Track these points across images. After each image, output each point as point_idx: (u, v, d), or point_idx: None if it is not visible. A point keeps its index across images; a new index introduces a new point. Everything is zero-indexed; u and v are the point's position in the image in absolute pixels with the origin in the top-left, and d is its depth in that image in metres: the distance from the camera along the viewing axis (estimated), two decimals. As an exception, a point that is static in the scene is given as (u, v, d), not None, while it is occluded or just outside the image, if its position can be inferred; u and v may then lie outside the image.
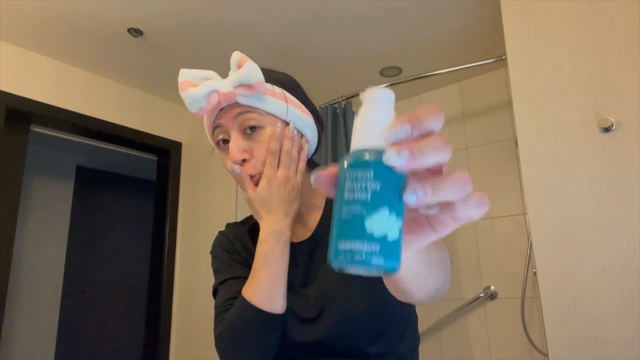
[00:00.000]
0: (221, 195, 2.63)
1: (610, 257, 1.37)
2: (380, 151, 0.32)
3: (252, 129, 0.78)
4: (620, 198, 1.38)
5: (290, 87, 0.84)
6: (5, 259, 2.15)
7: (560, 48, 1.56)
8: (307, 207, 0.85)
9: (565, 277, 1.43)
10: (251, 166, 0.78)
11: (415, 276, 0.45)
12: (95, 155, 3.60)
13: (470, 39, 2.26)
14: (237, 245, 0.88)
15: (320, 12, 2.03)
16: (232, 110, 0.78)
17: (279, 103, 0.80)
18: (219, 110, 0.80)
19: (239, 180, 0.79)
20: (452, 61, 2.40)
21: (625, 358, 1.29)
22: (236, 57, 0.79)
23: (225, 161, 0.80)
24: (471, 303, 2.35)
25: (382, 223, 0.31)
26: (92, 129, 2.51)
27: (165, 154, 2.88)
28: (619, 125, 1.41)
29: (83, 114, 2.46)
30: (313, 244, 0.83)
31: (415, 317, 0.84)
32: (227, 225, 0.96)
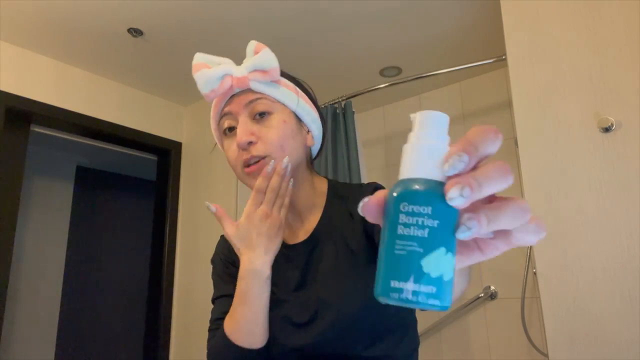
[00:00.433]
0: (221, 195, 2.63)
1: (610, 257, 1.37)
2: (437, 184, 0.30)
3: (261, 114, 0.78)
4: (620, 198, 1.38)
5: (300, 84, 0.85)
6: (5, 259, 2.15)
7: (560, 48, 1.56)
8: (307, 208, 0.84)
9: (565, 277, 1.43)
10: (256, 149, 0.76)
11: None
12: (95, 155, 3.60)
13: (470, 39, 2.26)
14: (234, 257, 0.87)
15: (320, 11, 2.03)
16: (243, 97, 0.78)
17: (291, 94, 0.81)
18: (229, 98, 0.79)
19: (218, 217, 0.77)
20: (452, 61, 2.40)
21: (625, 358, 1.29)
22: (253, 44, 0.80)
23: (230, 149, 0.79)
24: (471, 303, 2.35)
25: (439, 263, 0.30)
26: (92, 129, 2.51)
27: (165, 154, 2.88)
28: (619, 125, 1.41)
29: (83, 114, 2.46)
30: (311, 245, 0.82)
31: (414, 320, 0.83)
32: (222, 237, 0.94)
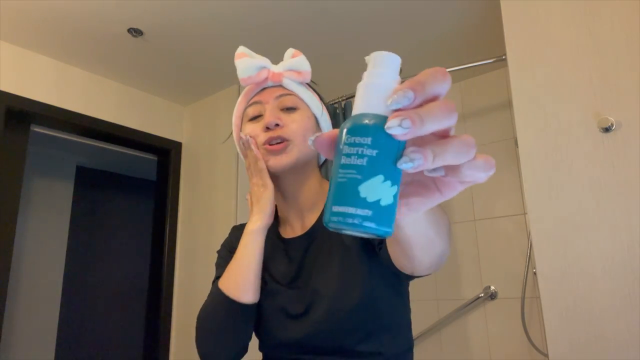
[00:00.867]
0: (221, 195, 2.63)
1: (610, 257, 1.37)
2: (381, 118, 0.32)
3: (289, 109, 0.85)
4: (620, 198, 1.38)
5: (323, 102, 0.93)
6: (5, 259, 2.15)
7: (560, 48, 1.56)
8: (309, 206, 0.87)
9: (565, 277, 1.43)
10: (282, 131, 0.82)
11: (422, 238, 0.46)
12: (95, 155, 3.60)
13: (470, 39, 2.26)
14: (236, 245, 0.91)
15: (320, 11, 2.03)
16: (275, 90, 0.86)
17: (317, 102, 0.89)
18: (261, 90, 0.87)
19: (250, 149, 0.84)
20: (452, 61, 2.40)
21: (625, 358, 1.29)
22: (291, 51, 0.89)
23: (253, 132, 0.84)
24: (471, 303, 2.35)
25: (376, 189, 0.31)
26: (92, 128, 2.51)
27: (165, 154, 2.88)
28: (619, 125, 1.41)
29: (83, 114, 2.46)
30: (308, 240, 0.84)
31: (408, 322, 0.84)
32: (233, 228, 1.00)
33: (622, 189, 1.38)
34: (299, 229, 0.87)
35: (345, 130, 0.33)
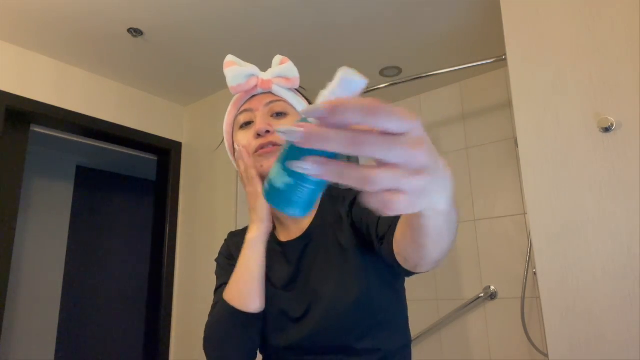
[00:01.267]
0: (221, 195, 2.63)
1: (611, 257, 1.37)
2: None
3: (278, 114, 0.86)
4: (620, 198, 1.38)
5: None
6: (5, 259, 2.15)
7: (560, 48, 1.56)
8: None
9: (565, 277, 1.43)
10: (273, 137, 0.83)
11: (437, 228, 0.46)
12: (95, 155, 3.60)
13: (470, 39, 2.26)
14: (234, 252, 0.93)
15: (320, 12, 2.03)
16: (264, 97, 0.87)
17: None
18: (251, 97, 0.88)
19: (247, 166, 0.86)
20: (452, 61, 2.40)
21: (625, 358, 1.29)
22: (279, 58, 0.90)
23: (244, 139, 0.86)
24: (471, 303, 2.35)
25: (277, 175, 0.40)
26: (92, 129, 2.51)
27: (165, 154, 2.88)
28: (619, 125, 1.41)
29: (83, 114, 2.46)
30: (304, 242, 0.86)
31: (405, 317, 0.86)
32: (229, 234, 1.02)
33: (622, 189, 1.38)
34: (295, 232, 0.88)
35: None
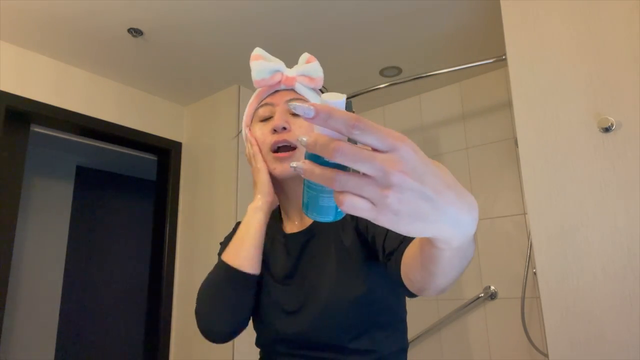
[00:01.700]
0: (221, 195, 2.63)
1: (610, 257, 1.37)
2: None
3: (298, 114, 0.86)
4: (620, 198, 1.38)
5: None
6: (5, 259, 2.15)
7: (560, 48, 1.56)
8: None
9: (565, 277, 1.43)
10: (288, 135, 0.85)
11: (449, 259, 0.46)
12: (95, 155, 3.60)
13: (470, 39, 2.26)
14: None
15: (320, 11, 2.03)
16: (286, 94, 0.88)
17: None
18: (274, 92, 0.89)
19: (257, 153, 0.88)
20: (452, 61, 2.40)
21: (625, 358, 1.29)
22: (306, 56, 0.90)
23: (261, 132, 0.88)
24: (471, 303, 2.35)
25: (304, 192, 0.45)
26: (92, 129, 2.51)
27: (165, 154, 2.88)
28: (619, 125, 1.40)
29: (83, 114, 2.46)
30: (307, 237, 0.87)
31: (404, 321, 0.86)
32: (237, 224, 1.02)
33: (622, 189, 1.38)
34: (299, 226, 0.90)
35: None
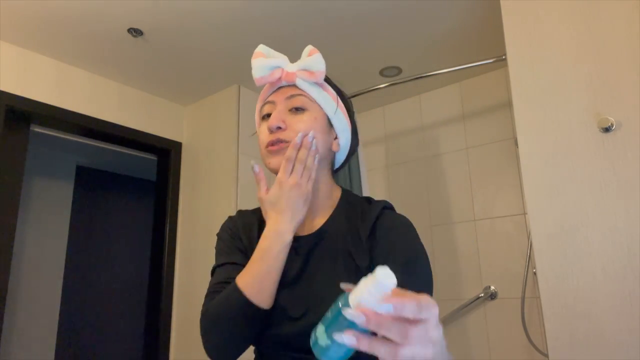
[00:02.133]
0: (221, 195, 2.63)
1: (610, 257, 1.37)
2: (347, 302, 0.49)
3: (297, 109, 0.86)
4: (620, 198, 1.38)
5: (342, 96, 0.93)
6: (5, 259, 2.15)
7: (560, 48, 1.56)
8: (319, 206, 0.89)
9: (565, 277, 1.43)
10: (283, 134, 0.84)
11: None
12: (95, 155, 3.60)
13: (470, 39, 2.26)
14: (241, 233, 0.92)
15: (320, 11, 2.03)
16: (287, 90, 0.87)
17: (331, 101, 0.89)
18: (277, 89, 0.88)
19: (257, 179, 0.85)
20: (452, 61, 2.40)
21: (625, 358, 1.29)
22: (308, 49, 0.89)
23: (262, 132, 0.87)
24: (471, 303, 2.35)
25: (321, 335, 0.52)
26: (92, 128, 2.51)
27: (165, 154, 2.88)
28: (619, 125, 1.41)
29: (83, 114, 2.46)
30: (315, 240, 0.86)
31: None
32: (238, 212, 0.99)
33: (622, 189, 1.38)
34: (308, 229, 0.88)
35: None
